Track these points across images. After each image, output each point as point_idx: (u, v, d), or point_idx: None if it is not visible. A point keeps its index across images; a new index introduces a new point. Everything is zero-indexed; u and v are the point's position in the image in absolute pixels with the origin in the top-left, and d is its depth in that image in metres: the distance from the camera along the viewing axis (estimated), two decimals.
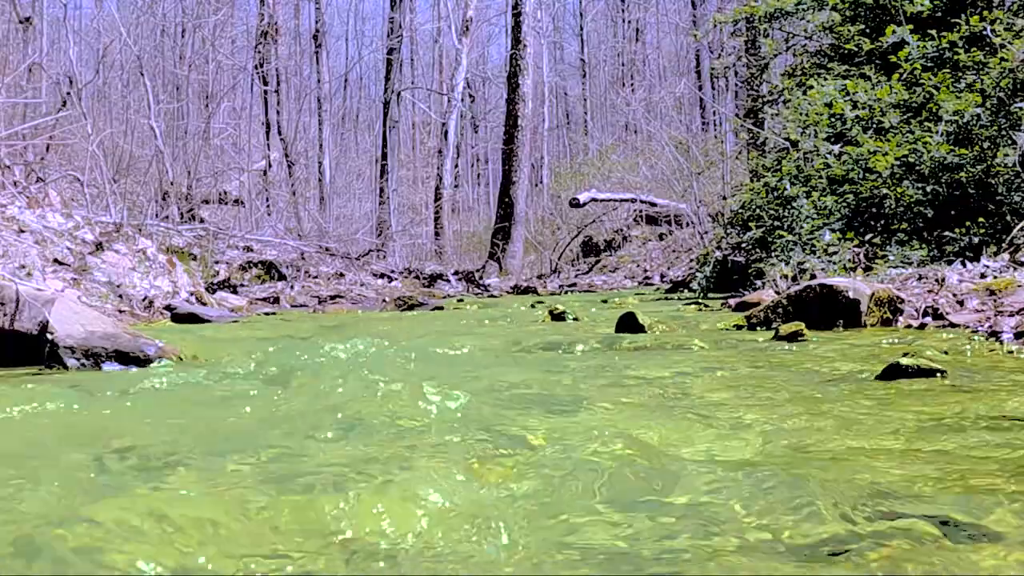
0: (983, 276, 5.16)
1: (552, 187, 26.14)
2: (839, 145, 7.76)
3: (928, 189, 7.05)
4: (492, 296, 12.99)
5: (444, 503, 1.44)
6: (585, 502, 1.46)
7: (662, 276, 15.33)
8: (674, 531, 1.31)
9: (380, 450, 1.81)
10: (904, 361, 2.67)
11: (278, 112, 21.94)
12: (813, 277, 6.05)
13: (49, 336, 3.45)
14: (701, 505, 1.42)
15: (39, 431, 2.25)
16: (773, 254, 7.45)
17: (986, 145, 6.95)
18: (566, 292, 13.49)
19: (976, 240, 6.42)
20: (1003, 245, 6.07)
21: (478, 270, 18.02)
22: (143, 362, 3.47)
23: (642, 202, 18.63)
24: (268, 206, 17.16)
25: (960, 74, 7.46)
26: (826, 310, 4.40)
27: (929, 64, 7.80)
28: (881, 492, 1.43)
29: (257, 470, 1.66)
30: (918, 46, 7.91)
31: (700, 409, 2.28)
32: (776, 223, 7.76)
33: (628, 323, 4.61)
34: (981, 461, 1.66)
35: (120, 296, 7.30)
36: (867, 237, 7.02)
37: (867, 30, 8.92)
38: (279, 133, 21.62)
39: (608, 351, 3.83)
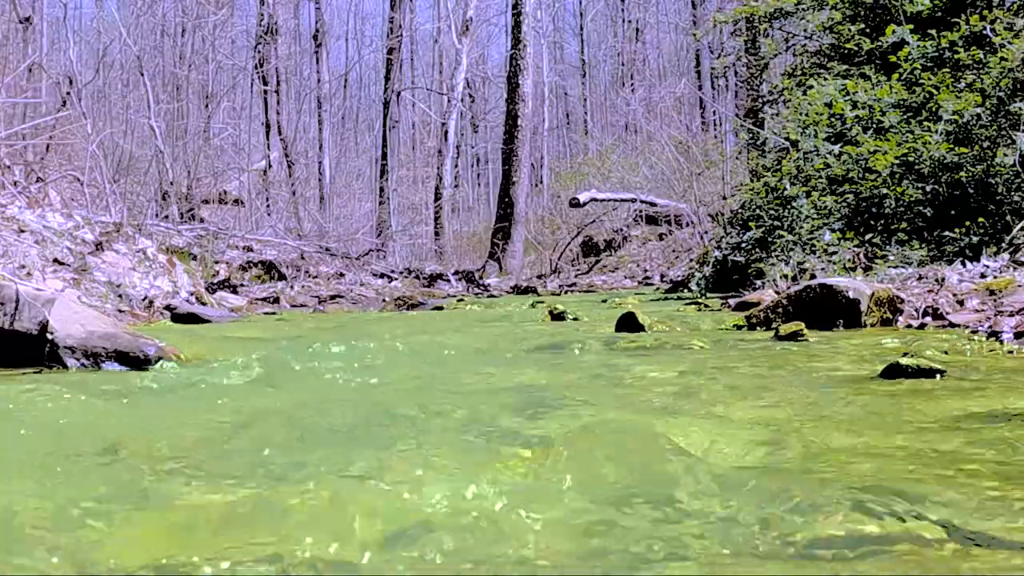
0: (983, 276, 5.16)
1: (552, 187, 26.14)
2: (839, 145, 7.76)
3: (928, 189, 7.05)
4: (492, 296, 12.99)
5: (456, 497, 1.44)
6: (587, 500, 1.46)
7: (662, 276, 15.32)
8: (673, 530, 1.31)
9: (384, 453, 1.81)
10: (904, 361, 2.67)
11: (278, 112, 21.94)
12: (813, 277, 6.05)
13: (49, 336, 3.45)
14: (701, 504, 1.42)
15: (38, 431, 2.25)
16: (773, 254, 7.44)
17: (986, 145, 6.95)
18: (566, 292, 13.49)
19: (976, 240, 6.42)
20: (1003, 245, 6.07)
21: (478, 270, 18.01)
22: (143, 362, 3.47)
23: (642, 202, 18.62)
24: (268, 206, 17.17)
25: (960, 74, 7.46)
26: (826, 310, 4.40)
27: (929, 64, 7.80)
28: (881, 492, 1.43)
29: (259, 469, 1.66)
30: (918, 46, 7.91)
31: (700, 408, 2.28)
32: (776, 223, 7.75)
33: (628, 323, 4.61)
34: (981, 462, 1.66)
35: (120, 296, 7.30)
36: (867, 237, 7.02)
37: (867, 30, 8.92)
38: (279, 133, 21.62)
39: (608, 351, 3.83)
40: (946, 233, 6.68)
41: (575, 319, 5.81)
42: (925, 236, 6.89)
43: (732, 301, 6.54)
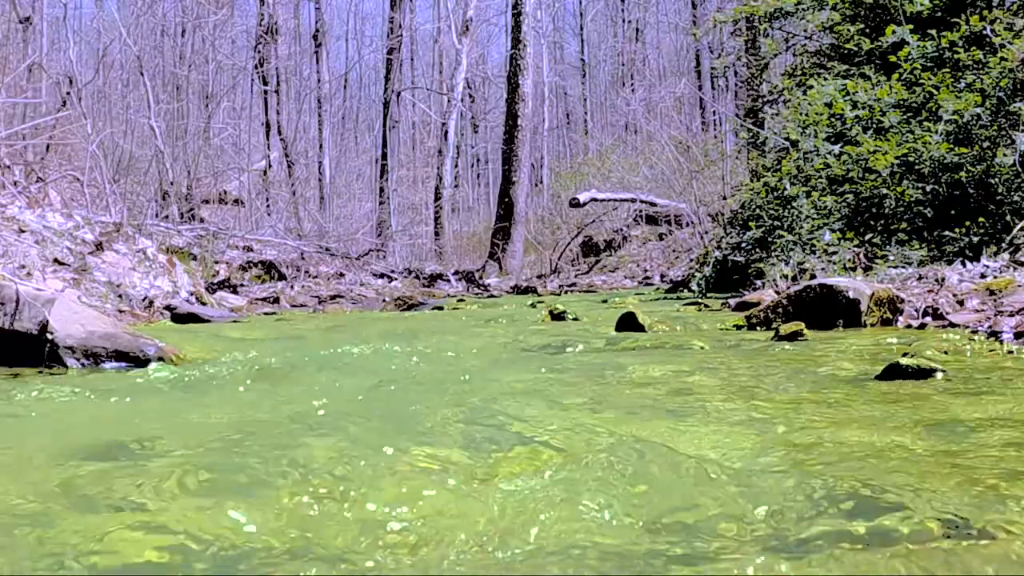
0: (983, 276, 5.17)
1: (552, 187, 26.15)
2: (839, 145, 7.76)
3: (928, 189, 7.05)
4: (492, 296, 12.98)
5: (451, 505, 1.44)
6: (585, 500, 1.46)
7: (662, 276, 15.32)
8: (674, 531, 1.31)
9: (382, 456, 1.81)
10: (904, 361, 2.67)
11: (278, 112, 21.95)
12: (813, 277, 6.05)
13: (49, 336, 3.45)
14: (702, 504, 1.42)
15: (38, 430, 2.25)
16: (773, 254, 7.45)
17: (986, 145, 6.95)
18: (566, 292, 13.49)
19: (976, 240, 6.42)
20: (1003, 245, 6.08)
21: (478, 270, 18.00)
22: (143, 362, 3.47)
23: (642, 202, 18.62)
24: (268, 206, 17.17)
25: (960, 74, 7.46)
26: (826, 310, 4.40)
27: (929, 64, 7.80)
28: (881, 492, 1.43)
29: (258, 469, 1.66)
30: (918, 46, 7.91)
31: (700, 409, 2.28)
32: (776, 223, 7.76)
33: (628, 323, 4.61)
34: (981, 461, 1.66)
35: (120, 296, 7.30)
36: (867, 237, 7.02)
37: (867, 30, 8.92)
38: (279, 133, 21.63)
39: (608, 351, 3.82)
40: (946, 233, 6.68)
41: (575, 319, 5.80)
42: (925, 236, 6.90)
43: (732, 301, 6.54)
